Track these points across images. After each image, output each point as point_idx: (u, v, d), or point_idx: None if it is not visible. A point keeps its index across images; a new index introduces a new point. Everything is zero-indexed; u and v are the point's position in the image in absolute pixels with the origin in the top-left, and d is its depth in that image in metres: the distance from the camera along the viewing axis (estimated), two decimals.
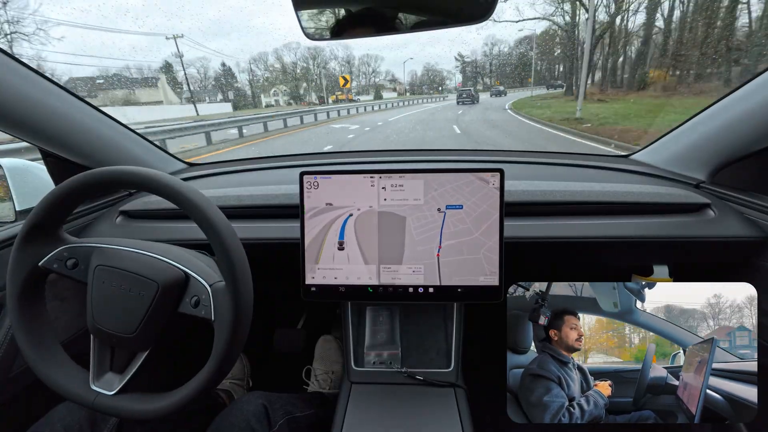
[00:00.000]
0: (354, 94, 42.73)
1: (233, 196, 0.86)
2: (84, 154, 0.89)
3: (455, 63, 71.27)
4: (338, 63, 69.20)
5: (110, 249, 0.56)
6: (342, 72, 63.98)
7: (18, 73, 0.71)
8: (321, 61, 63.82)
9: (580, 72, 14.86)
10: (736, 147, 0.78)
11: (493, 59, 66.50)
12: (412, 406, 0.73)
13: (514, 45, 68.10)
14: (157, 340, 0.55)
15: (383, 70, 71.76)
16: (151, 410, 0.51)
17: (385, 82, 65.25)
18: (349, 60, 68.25)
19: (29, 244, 0.55)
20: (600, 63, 19.16)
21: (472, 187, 0.67)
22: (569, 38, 22.25)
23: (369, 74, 63.61)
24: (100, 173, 0.53)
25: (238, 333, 0.50)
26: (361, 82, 65.69)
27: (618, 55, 18.12)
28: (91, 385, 0.53)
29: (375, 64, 64.87)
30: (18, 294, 0.55)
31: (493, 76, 64.78)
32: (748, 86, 0.74)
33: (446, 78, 70.57)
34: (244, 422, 0.67)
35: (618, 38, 19.09)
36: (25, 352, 0.54)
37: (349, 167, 1.01)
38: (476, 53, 70.39)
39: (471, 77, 67.53)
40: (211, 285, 0.53)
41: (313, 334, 1.29)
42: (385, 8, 0.62)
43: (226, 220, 0.53)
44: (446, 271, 0.68)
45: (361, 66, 66.13)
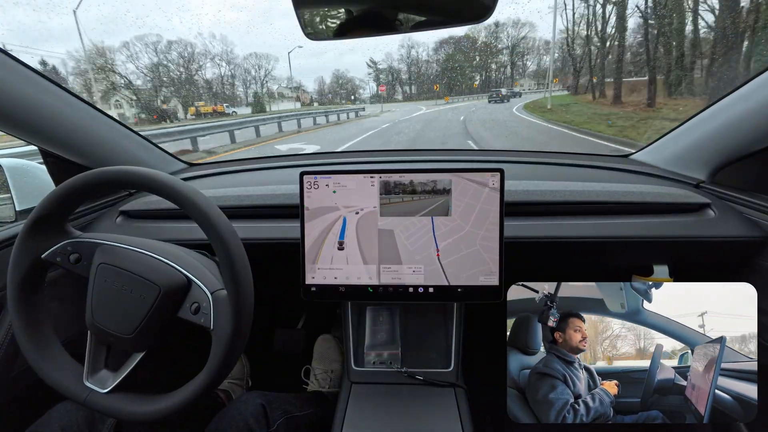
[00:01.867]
0: (225, 106, 30.30)
1: (233, 196, 0.86)
2: (84, 154, 0.89)
3: (368, 69, 58.80)
4: (214, 64, 50.60)
5: (114, 247, 0.56)
6: (224, 75, 47.54)
7: (18, 73, 0.71)
8: (187, 60, 44.79)
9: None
10: (736, 147, 0.78)
11: (411, 64, 54.43)
12: (412, 406, 0.73)
13: (433, 48, 55.04)
14: (154, 343, 0.55)
15: (282, 75, 55.82)
16: (148, 412, 0.51)
17: (285, 90, 51.98)
18: (229, 59, 50.47)
19: (33, 235, 0.55)
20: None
21: (470, 188, 0.67)
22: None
23: (260, 79, 46.42)
24: (100, 173, 0.53)
25: (236, 344, 0.50)
26: (249, 88, 47.71)
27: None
28: (85, 381, 0.53)
29: (268, 65, 47.73)
30: (19, 282, 0.55)
31: (413, 83, 54.33)
32: (748, 86, 0.74)
33: (359, 87, 57.45)
34: (243, 422, 0.67)
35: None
36: (21, 342, 0.54)
37: (349, 167, 1.01)
38: (391, 57, 58.62)
39: (388, 84, 55.54)
40: (213, 293, 0.52)
41: (312, 334, 1.29)
42: (386, 8, 0.62)
43: (227, 220, 0.53)
44: (450, 270, 0.68)
45: (252, 69, 47.74)
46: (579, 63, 20.39)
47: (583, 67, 20.03)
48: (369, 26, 0.64)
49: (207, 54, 51.74)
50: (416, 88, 53.80)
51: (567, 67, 23.86)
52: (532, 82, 43.66)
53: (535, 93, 31.47)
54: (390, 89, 53.77)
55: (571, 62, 21.52)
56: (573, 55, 21.30)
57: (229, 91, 48.55)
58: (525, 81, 44.50)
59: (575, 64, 20.98)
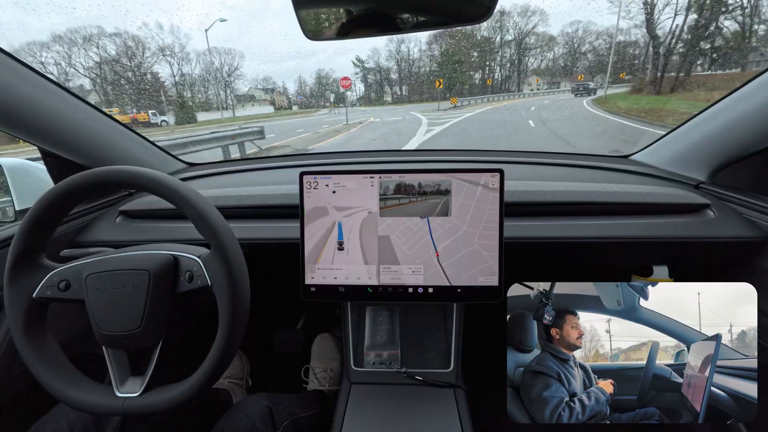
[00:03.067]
0: (152, 113, 22.15)
1: (233, 196, 0.86)
2: (84, 154, 0.88)
3: (354, 69, 50.74)
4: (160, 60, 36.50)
5: (96, 260, 0.56)
6: (177, 75, 35.57)
7: (18, 73, 0.71)
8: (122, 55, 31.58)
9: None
10: (735, 148, 0.78)
11: (401, 61, 46.00)
12: (412, 407, 0.73)
13: (426, 42, 46.71)
14: (165, 330, 0.55)
15: (249, 74, 45.35)
16: (184, 391, 0.51)
17: (257, 91, 42.76)
18: (181, 55, 37.26)
19: (17, 277, 0.54)
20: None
21: (470, 188, 0.67)
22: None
23: (222, 79, 36.79)
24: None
25: (238, 290, 0.51)
26: (208, 90, 36.94)
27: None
28: (117, 392, 0.53)
29: (233, 62, 37.38)
30: (22, 330, 0.54)
31: (404, 83, 45.64)
32: (748, 87, 0.74)
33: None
34: (249, 424, 0.67)
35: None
36: (46, 383, 0.53)
37: (349, 167, 1.01)
38: (378, 54, 49.46)
39: (374, 85, 46.59)
40: (200, 255, 0.55)
41: (312, 334, 1.29)
42: (386, 8, 0.62)
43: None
44: (451, 271, 0.68)
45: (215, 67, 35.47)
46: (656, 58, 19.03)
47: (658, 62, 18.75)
48: (368, 26, 0.63)
49: (147, 48, 39.23)
50: (407, 89, 46.17)
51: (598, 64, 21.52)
52: (541, 80, 39.61)
53: (558, 92, 28.41)
54: (378, 90, 46.90)
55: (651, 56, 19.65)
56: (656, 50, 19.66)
57: (187, 94, 37.57)
58: (533, 79, 40.35)
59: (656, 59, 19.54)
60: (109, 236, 0.85)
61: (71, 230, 0.85)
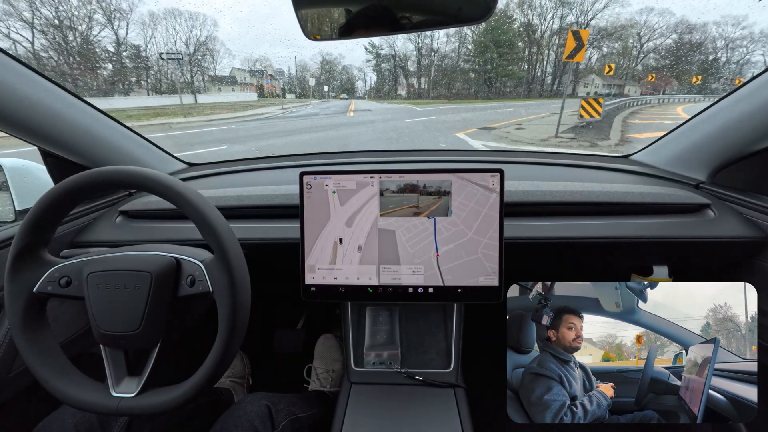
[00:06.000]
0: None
1: (233, 196, 0.86)
2: (84, 154, 0.88)
3: (366, 56, 39.84)
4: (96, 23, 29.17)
5: (98, 258, 0.56)
6: (124, 44, 29.01)
7: (18, 73, 0.71)
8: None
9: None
10: (735, 147, 0.78)
11: (426, 50, 34.71)
12: (412, 407, 0.73)
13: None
14: (164, 333, 0.55)
15: (248, 55, 33.26)
16: (181, 394, 0.51)
17: (241, 73, 33.81)
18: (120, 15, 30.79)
19: (18, 272, 0.54)
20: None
21: (469, 188, 0.67)
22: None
23: (183, 54, 28.28)
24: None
25: (239, 297, 0.50)
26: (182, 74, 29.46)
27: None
28: (112, 392, 0.53)
29: (200, 32, 30.39)
30: (21, 324, 0.54)
31: (423, 74, 35.85)
32: (747, 87, 0.74)
33: (356, 77, 41.08)
34: (248, 423, 0.67)
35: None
36: (43, 379, 0.53)
37: (349, 167, 1.01)
38: (393, 39, 36.03)
39: (388, 72, 37.01)
40: (203, 261, 0.54)
41: (313, 334, 1.29)
42: (385, 8, 0.62)
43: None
44: (449, 276, 0.69)
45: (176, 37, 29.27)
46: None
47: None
48: (369, 26, 0.63)
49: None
50: (427, 82, 32.97)
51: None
52: (600, 80, 29.99)
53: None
54: (391, 82, 37.75)
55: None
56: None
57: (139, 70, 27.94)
58: (593, 77, 31.91)
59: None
60: (109, 236, 0.85)
61: (71, 230, 0.85)
